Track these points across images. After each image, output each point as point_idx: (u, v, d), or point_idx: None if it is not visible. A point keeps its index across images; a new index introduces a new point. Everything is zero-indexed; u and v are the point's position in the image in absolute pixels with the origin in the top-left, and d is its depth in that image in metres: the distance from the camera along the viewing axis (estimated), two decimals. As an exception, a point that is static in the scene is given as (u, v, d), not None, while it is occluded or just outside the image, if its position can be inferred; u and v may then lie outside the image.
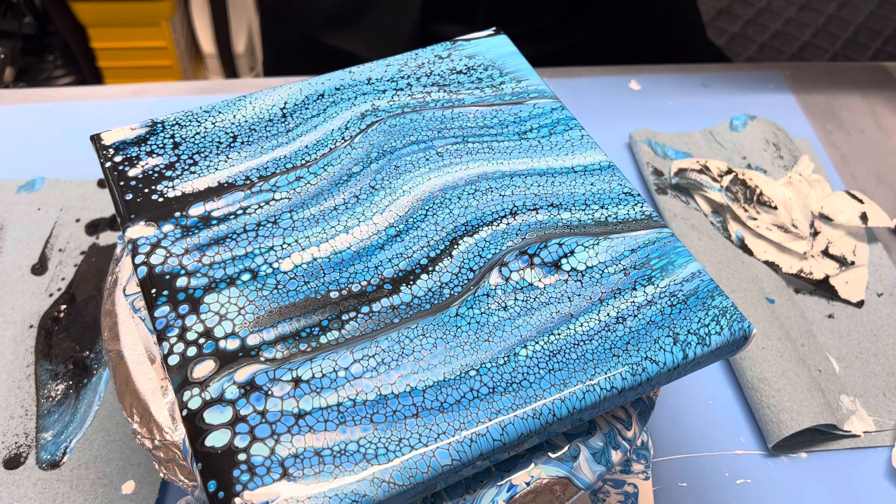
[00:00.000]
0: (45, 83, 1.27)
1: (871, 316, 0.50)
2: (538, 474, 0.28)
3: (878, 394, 0.46)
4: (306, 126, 0.36)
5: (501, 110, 0.37)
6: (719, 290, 0.30)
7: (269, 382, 0.27)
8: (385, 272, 0.30)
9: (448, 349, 0.28)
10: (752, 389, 0.45)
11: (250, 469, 0.25)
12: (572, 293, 0.30)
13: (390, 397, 0.27)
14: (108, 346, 0.32)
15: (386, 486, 0.25)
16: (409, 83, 0.38)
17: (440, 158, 0.34)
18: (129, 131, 0.35)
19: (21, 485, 0.40)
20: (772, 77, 0.69)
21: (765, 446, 0.44)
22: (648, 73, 0.68)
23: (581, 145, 0.36)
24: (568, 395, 0.27)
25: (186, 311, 0.29)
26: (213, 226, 0.31)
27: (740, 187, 0.55)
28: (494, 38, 0.41)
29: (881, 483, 0.43)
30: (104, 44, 1.23)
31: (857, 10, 1.84)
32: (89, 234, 0.52)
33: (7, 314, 0.47)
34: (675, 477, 0.43)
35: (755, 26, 1.80)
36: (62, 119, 0.60)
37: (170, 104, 0.61)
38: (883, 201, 0.59)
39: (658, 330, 0.29)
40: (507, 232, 0.32)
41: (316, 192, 0.33)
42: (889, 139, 0.64)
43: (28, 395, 0.44)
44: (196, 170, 0.34)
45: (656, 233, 0.32)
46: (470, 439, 0.26)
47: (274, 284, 0.30)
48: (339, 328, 0.28)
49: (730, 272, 0.50)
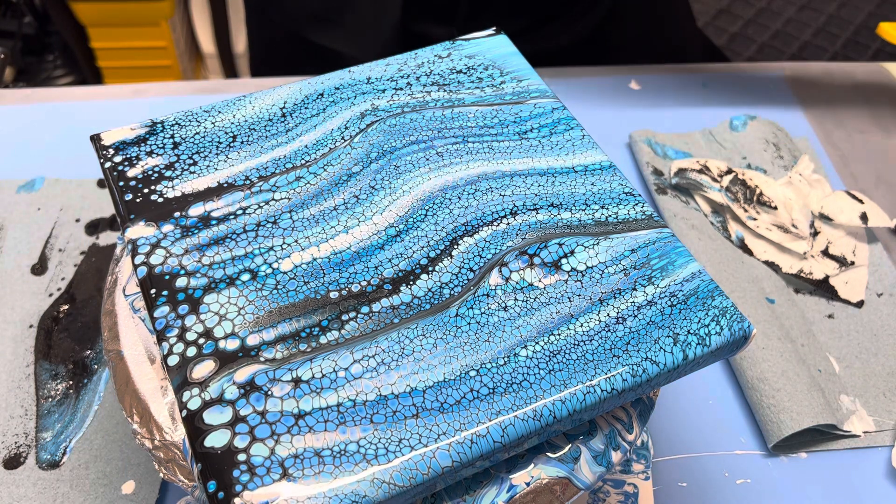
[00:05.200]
0: (45, 83, 1.27)
1: (871, 316, 0.50)
2: (538, 474, 0.28)
3: (878, 394, 0.46)
4: (306, 126, 0.36)
5: (502, 110, 0.37)
6: (719, 290, 0.30)
7: (269, 383, 0.27)
8: (385, 272, 0.30)
9: (448, 349, 0.28)
10: (752, 389, 0.45)
11: (250, 469, 0.25)
12: (572, 293, 0.30)
13: (390, 398, 0.27)
14: (108, 346, 0.32)
15: (386, 487, 0.25)
16: (409, 83, 0.38)
17: (440, 158, 0.34)
18: (128, 131, 0.35)
19: (21, 485, 0.40)
20: (772, 77, 0.69)
21: (765, 446, 0.44)
22: (648, 73, 0.68)
23: (581, 145, 0.36)
24: (568, 396, 0.27)
25: (186, 312, 0.29)
26: (212, 226, 0.31)
27: (740, 187, 0.55)
28: (494, 38, 0.41)
29: (881, 483, 0.43)
30: (104, 44, 1.23)
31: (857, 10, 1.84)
32: (89, 234, 0.52)
33: (7, 314, 0.47)
34: (675, 477, 0.43)
35: (755, 26, 1.80)
36: (62, 119, 0.60)
37: (170, 104, 0.61)
38: (883, 201, 0.59)
39: (658, 330, 0.29)
40: (508, 232, 0.32)
41: (316, 192, 0.33)
42: (889, 139, 0.64)
43: (28, 395, 0.44)
44: (196, 170, 0.34)
45: (656, 233, 0.32)
46: (470, 440, 0.26)
47: (274, 284, 0.30)
48: (338, 328, 0.28)
49: (730, 272, 0.50)
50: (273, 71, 0.75)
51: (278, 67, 0.73)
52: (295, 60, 0.72)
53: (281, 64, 0.74)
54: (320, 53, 0.71)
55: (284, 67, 0.71)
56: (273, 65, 0.77)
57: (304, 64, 0.68)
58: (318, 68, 0.39)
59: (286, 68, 0.70)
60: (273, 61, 0.78)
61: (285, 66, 0.71)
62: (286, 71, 0.70)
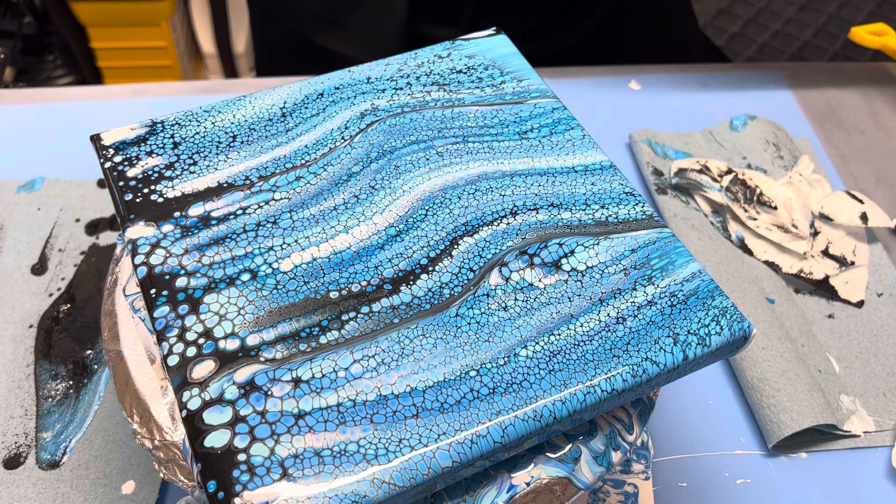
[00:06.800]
0: (45, 83, 1.27)
1: (871, 316, 0.50)
2: (538, 474, 0.28)
3: (878, 394, 0.46)
4: (306, 126, 0.36)
5: (502, 110, 0.37)
6: (719, 290, 0.30)
7: (269, 383, 0.27)
8: (385, 272, 0.30)
9: (448, 349, 0.28)
10: (752, 389, 0.45)
11: (250, 469, 0.25)
12: (572, 293, 0.30)
13: (390, 398, 0.27)
14: (108, 346, 0.32)
15: (386, 487, 0.25)
16: (409, 82, 0.38)
17: (440, 158, 0.34)
18: (128, 131, 0.35)
19: (21, 485, 0.40)
20: (772, 77, 0.69)
21: (765, 446, 0.44)
22: (648, 73, 0.68)
23: (582, 145, 0.36)
24: (568, 396, 0.27)
25: (186, 312, 0.28)
26: (212, 226, 0.31)
27: (740, 187, 0.55)
28: (494, 38, 0.41)
29: (881, 483, 0.43)
30: (104, 44, 1.23)
31: (857, 10, 1.84)
32: (89, 234, 0.52)
33: (7, 314, 0.47)
34: (675, 477, 0.43)
35: (755, 26, 1.80)
36: (62, 119, 0.60)
37: (170, 104, 0.61)
38: (883, 201, 0.59)
39: (658, 330, 0.29)
40: (508, 232, 0.32)
41: (316, 192, 0.33)
42: (889, 139, 0.64)
43: (28, 395, 0.44)
44: (196, 170, 0.34)
45: (657, 233, 0.32)
46: (470, 440, 0.26)
47: (274, 284, 0.30)
48: (338, 328, 0.28)
49: (730, 272, 0.50)
50: (277, 73, 0.75)
51: (283, 70, 0.74)
52: (300, 63, 0.72)
53: (285, 66, 0.74)
54: (325, 55, 0.71)
55: (289, 69, 0.71)
56: (277, 67, 0.77)
57: (308, 66, 0.68)
58: (322, 70, 0.39)
59: (291, 70, 0.70)
60: (278, 63, 0.78)
61: (290, 69, 0.71)
62: (291, 73, 0.70)
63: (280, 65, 0.77)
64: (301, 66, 0.70)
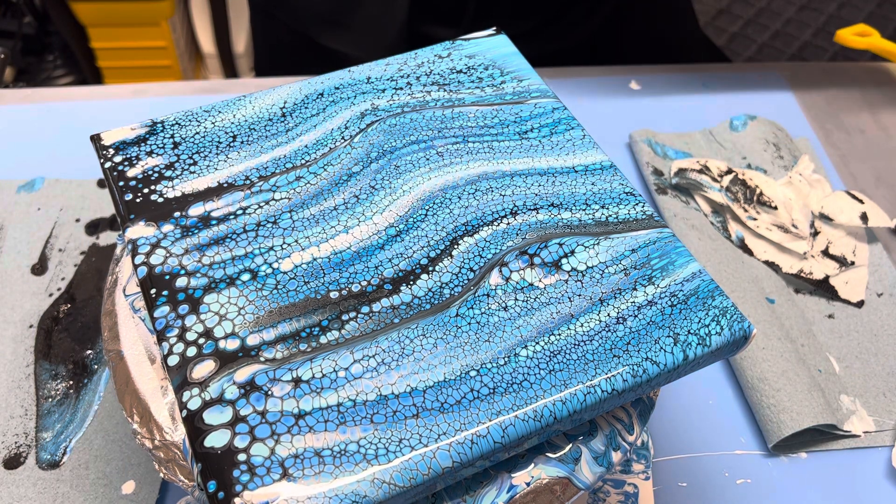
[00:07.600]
0: (45, 83, 1.27)
1: (871, 316, 0.50)
2: (538, 474, 0.28)
3: (878, 394, 0.46)
4: (306, 125, 0.36)
5: (502, 110, 0.37)
6: (719, 290, 0.30)
7: (269, 382, 0.27)
8: (385, 272, 0.30)
9: (448, 349, 0.28)
10: (752, 389, 0.45)
11: (250, 469, 0.25)
12: (573, 293, 0.30)
13: (390, 397, 0.27)
14: (108, 346, 0.32)
15: (386, 487, 0.25)
16: (409, 82, 0.38)
17: (440, 158, 0.34)
18: (128, 131, 0.35)
19: (21, 485, 0.40)
20: (772, 77, 0.69)
21: (765, 446, 0.44)
22: (648, 73, 0.68)
23: (582, 145, 0.36)
24: (568, 396, 0.27)
25: (186, 312, 0.28)
26: (212, 226, 0.31)
27: (740, 187, 0.55)
28: (495, 38, 0.41)
29: (881, 483, 0.43)
30: (104, 44, 1.23)
31: (857, 10, 1.84)
32: (89, 234, 0.52)
33: (7, 314, 0.47)
34: (675, 477, 0.43)
35: (755, 26, 1.80)
36: (62, 119, 0.60)
37: (170, 104, 0.61)
38: (883, 201, 0.59)
39: (658, 330, 0.29)
40: (508, 232, 0.32)
41: (316, 192, 0.33)
42: (889, 139, 0.64)
43: (28, 395, 0.44)
44: (196, 170, 0.34)
45: (657, 233, 0.32)
46: (470, 440, 0.26)
47: (274, 284, 0.30)
48: (339, 328, 0.28)
49: (730, 272, 0.50)
50: (278, 73, 0.75)
51: (284, 69, 0.73)
52: (301, 62, 0.72)
53: (286, 66, 0.74)
54: (325, 55, 0.71)
55: (290, 69, 0.71)
56: (277, 67, 0.77)
57: (308, 66, 0.68)
58: (322, 70, 0.39)
59: (291, 70, 0.70)
60: (279, 63, 0.78)
61: (291, 68, 0.71)
62: (291, 73, 0.70)
63: (280, 65, 0.77)
64: (301, 66, 0.70)
